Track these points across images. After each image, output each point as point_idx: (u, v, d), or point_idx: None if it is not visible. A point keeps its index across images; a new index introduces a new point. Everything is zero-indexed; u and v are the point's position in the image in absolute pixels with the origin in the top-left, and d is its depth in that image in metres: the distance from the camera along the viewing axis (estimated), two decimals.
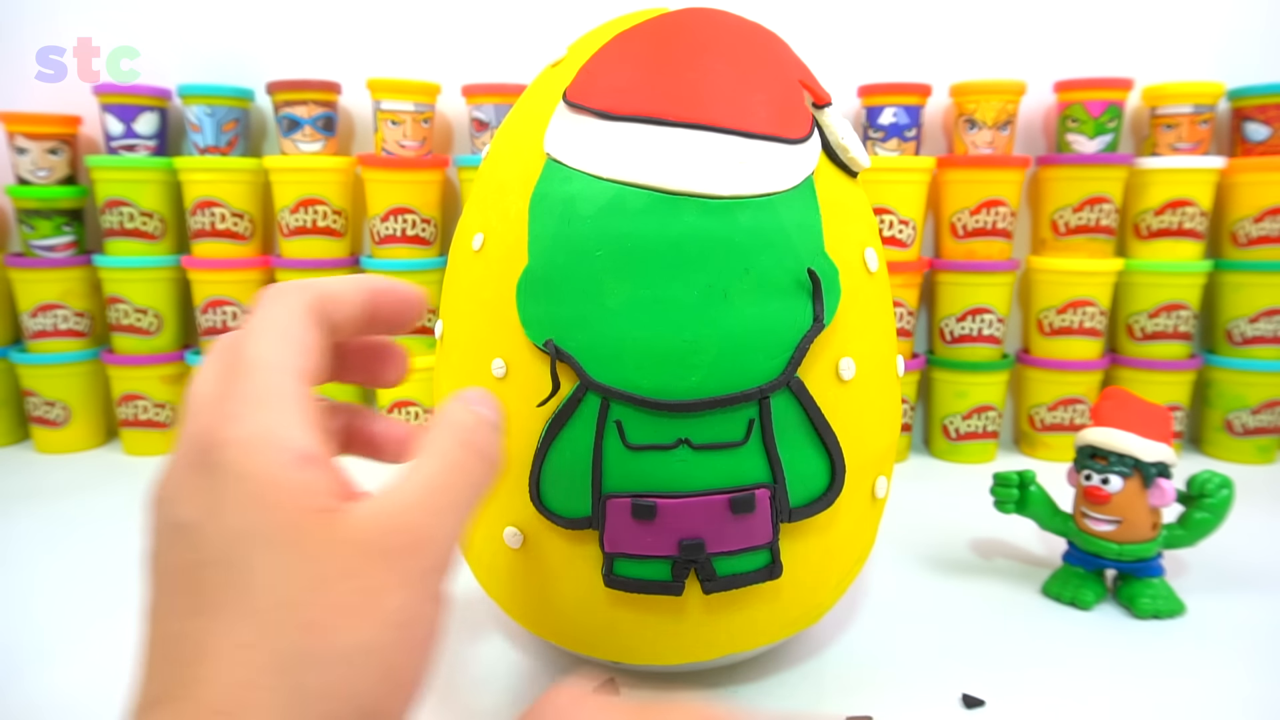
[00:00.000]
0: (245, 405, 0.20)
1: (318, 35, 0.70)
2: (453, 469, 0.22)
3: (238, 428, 0.19)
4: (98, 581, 0.45)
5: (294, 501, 0.19)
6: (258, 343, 0.21)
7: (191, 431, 0.20)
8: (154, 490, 0.20)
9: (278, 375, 0.20)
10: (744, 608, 0.31)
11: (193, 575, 0.18)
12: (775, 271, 0.29)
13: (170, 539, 0.19)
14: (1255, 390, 0.65)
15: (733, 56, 0.31)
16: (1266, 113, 0.64)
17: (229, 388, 0.20)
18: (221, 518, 0.19)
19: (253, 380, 0.20)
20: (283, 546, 0.18)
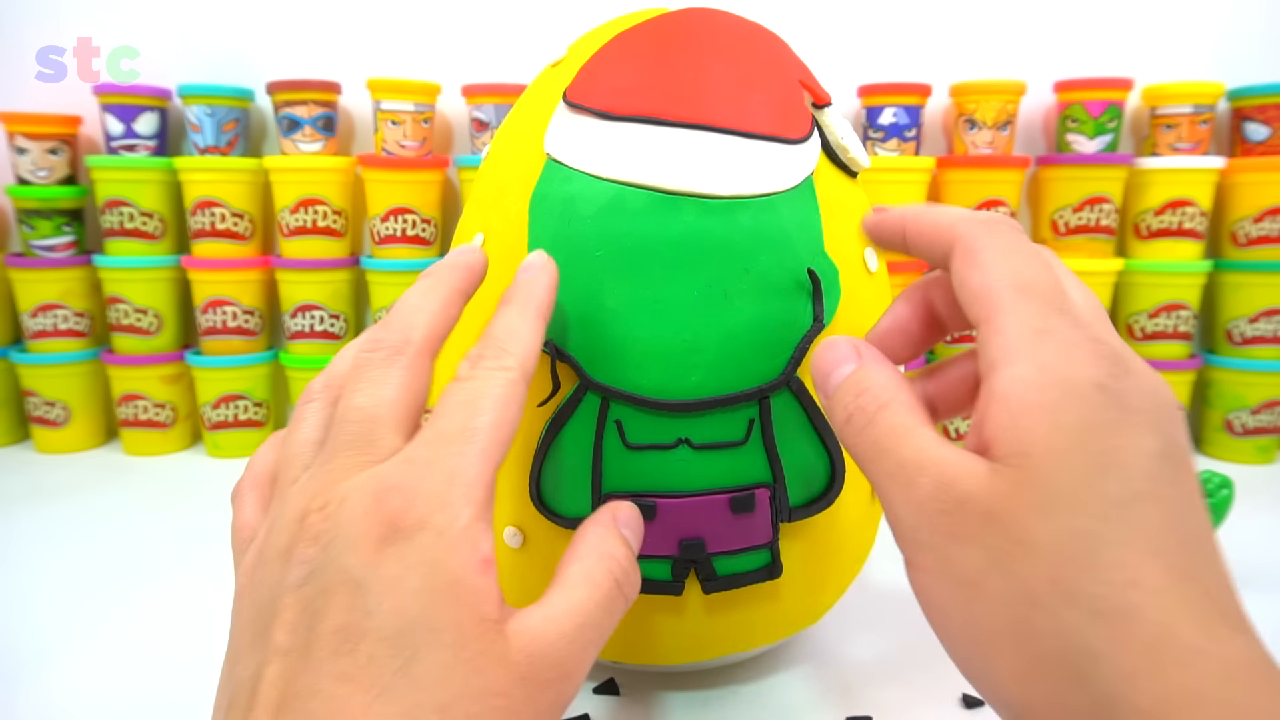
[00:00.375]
0: (448, 487, 0.20)
1: (318, 35, 0.70)
2: (604, 609, 0.22)
3: (440, 514, 0.20)
4: (98, 582, 0.45)
5: (473, 608, 0.19)
6: (453, 415, 0.22)
7: (385, 485, 0.20)
8: (315, 521, 0.20)
9: (467, 463, 0.21)
10: (744, 608, 0.31)
11: (353, 639, 0.18)
12: (775, 271, 0.29)
13: (334, 589, 0.19)
14: (1255, 390, 0.65)
15: (733, 56, 0.31)
16: (1266, 113, 0.64)
17: (429, 453, 0.21)
18: (402, 595, 0.19)
19: (444, 462, 0.21)
20: (452, 648, 0.19)
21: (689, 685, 0.35)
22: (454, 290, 0.26)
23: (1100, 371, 0.19)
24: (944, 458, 0.20)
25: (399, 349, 0.23)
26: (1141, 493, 0.18)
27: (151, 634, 0.39)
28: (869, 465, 0.22)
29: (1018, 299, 0.20)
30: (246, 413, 0.68)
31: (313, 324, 0.67)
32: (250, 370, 0.68)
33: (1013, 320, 0.20)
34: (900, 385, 0.22)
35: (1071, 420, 0.19)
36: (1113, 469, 0.18)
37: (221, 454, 0.68)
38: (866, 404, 0.22)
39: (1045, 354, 0.19)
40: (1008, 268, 0.21)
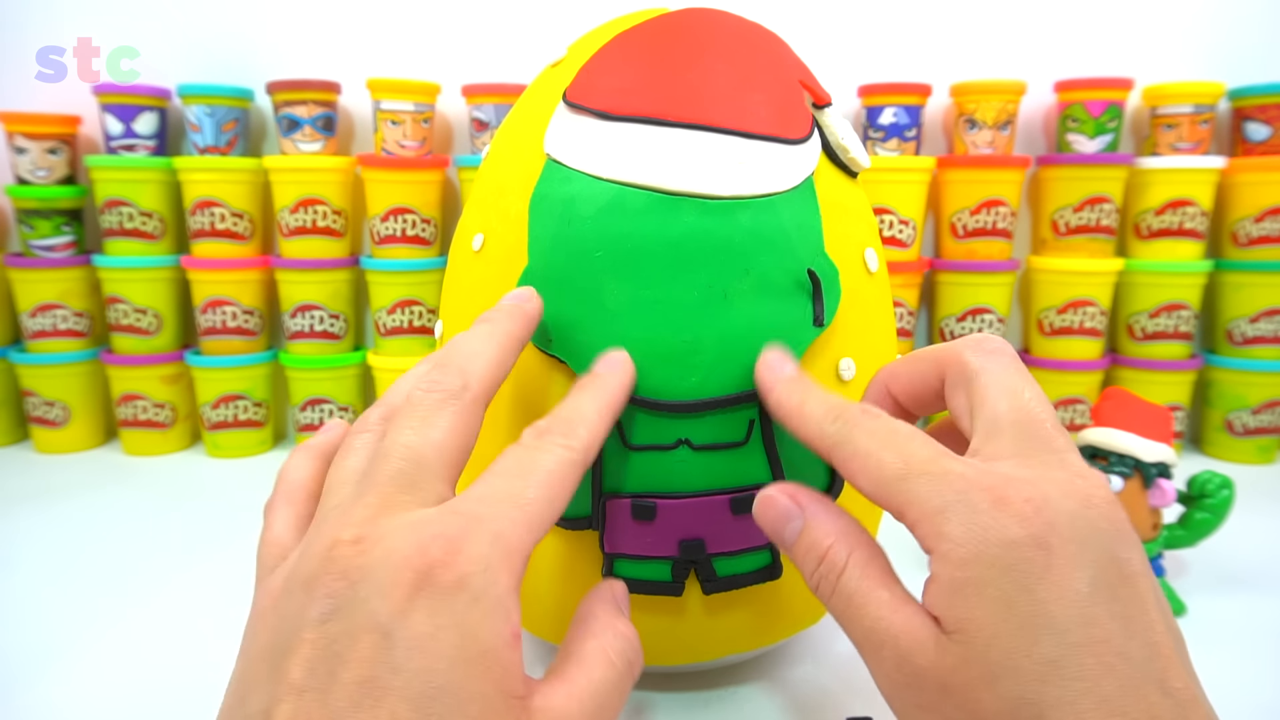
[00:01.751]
0: (492, 549, 0.20)
1: (318, 35, 0.70)
2: (618, 688, 0.22)
3: (481, 576, 0.19)
4: (97, 582, 0.45)
5: (500, 682, 0.19)
6: (508, 478, 0.22)
7: (429, 533, 0.19)
8: (348, 553, 0.19)
9: (514, 529, 0.21)
10: (744, 608, 0.31)
11: (376, 694, 0.18)
12: (775, 272, 0.29)
13: (360, 634, 0.18)
14: (1256, 390, 0.65)
15: (733, 56, 0.31)
16: (1267, 112, 0.64)
17: (479, 511, 0.20)
18: (431, 655, 0.18)
19: (493, 522, 0.20)
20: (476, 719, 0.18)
21: (689, 686, 0.35)
22: (512, 337, 0.26)
23: (1019, 523, 0.20)
24: (901, 629, 0.21)
25: (454, 394, 0.23)
26: (1076, 643, 0.19)
27: (151, 634, 0.39)
28: (842, 627, 0.23)
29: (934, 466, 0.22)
30: (246, 413, 0.68)
31: (312, 324, 0.67)
32: (250, 370, 0.68)
33: (925, 492, 0.21)
34: (852, 539, 0.24)
35: (997, 590, 0.20)
36: (1044, 629, 0.19)
37: (221, 454, 0.68)
38: (827, 572, 0.23)
39: (965, 520, 0.20)
40: None
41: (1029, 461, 0.22)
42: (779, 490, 0.25)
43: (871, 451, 0.23)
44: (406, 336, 0.67)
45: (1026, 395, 0.23)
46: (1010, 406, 0.23)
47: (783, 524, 0.25)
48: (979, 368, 0.24)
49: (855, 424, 0.24)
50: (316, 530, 0.21)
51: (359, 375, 0.70)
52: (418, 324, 0.67)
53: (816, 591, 0.24)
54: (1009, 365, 0.24)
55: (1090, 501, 0.21)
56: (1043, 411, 0.23)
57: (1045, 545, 0.20)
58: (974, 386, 0.24)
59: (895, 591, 0.22)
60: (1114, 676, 0.19)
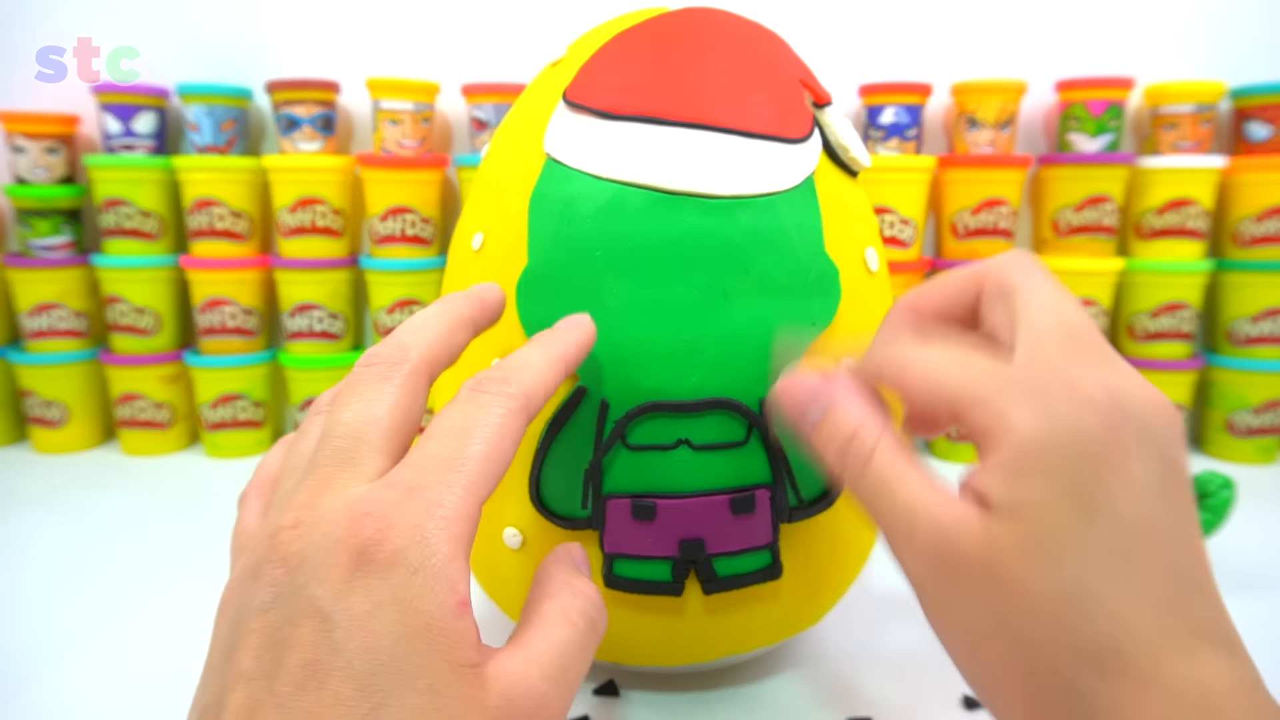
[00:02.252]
0: (427, 518, 0.19)
1: (317, 35, 0.70)
2: (581, 647, 0.22)
3: (416, 549, 0.19)
4: (96, 582, 0.45)
5: (448, 653, 0.19)
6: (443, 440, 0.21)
7: (360, 510, 0.19)
8: (286, 539, 0.19)
9: (451, 494, 0.20)
10: (744, 608, 0.31)
11: (319, 676, 0.18)
12: (775, 271, 0.29)
13: (301, 619, 0.18)
14: (1257, 390, 0.65)
15: (733, 56, 0.31)
16: (1268, 112, 0.64)
17: (412, 479, 0.20)
18: (371, 634, 0.18)
19: (427, 491, 0.20)
20: (426, 694, 0.18)
21: (689, 686, 0.34)
22: (461, 317, 0.25)
23: (1094, 410, 0.19)
24: (940, 509, 0.20)
25: (393, 364, 0.22)
26: (1135, 536, 0.19)
27: (151, 634, 0.39)
28: (870, 511, 0.22)
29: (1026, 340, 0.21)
30: (245, 413, 0.68)
31: (311, 324, 0.67)
32: (249, 370, 0.67)
33: (988, 387, 0.21)
34: (882, 420, 0.23)
35: (1062, 475, 0.19)
36: (1105, 518, 0.19)
37: (220, 454, 0.68)
38: (855, 455, 0.22)
39: (1037, 404, 0.20)
40: (1039, 301, 0.22)
41: (1086, 365, 0.21)
42: (797, 379, 0.25)
43: (926, 356, 0.22)
44: None
45: (1068, 308, 0.22)
46: (1056, 320, 0.22)
47: (806, 407, 0.24)
48: (1019, 282, 0.23)
49: (901, 336, 0.23)
50: (266, 517, 0.21)
51: None
52: None
53: (844, 473, 0.23)
54: (1050, 281, 0.23)
55: (1152, 401, 0.20)
56: (1086, 323, 0.22)
57: (1114, 437, 0.19)
58: (1014, 300, 0.23)
59: (931, 476, 0.21)
60: (1163, 573, 0.19)
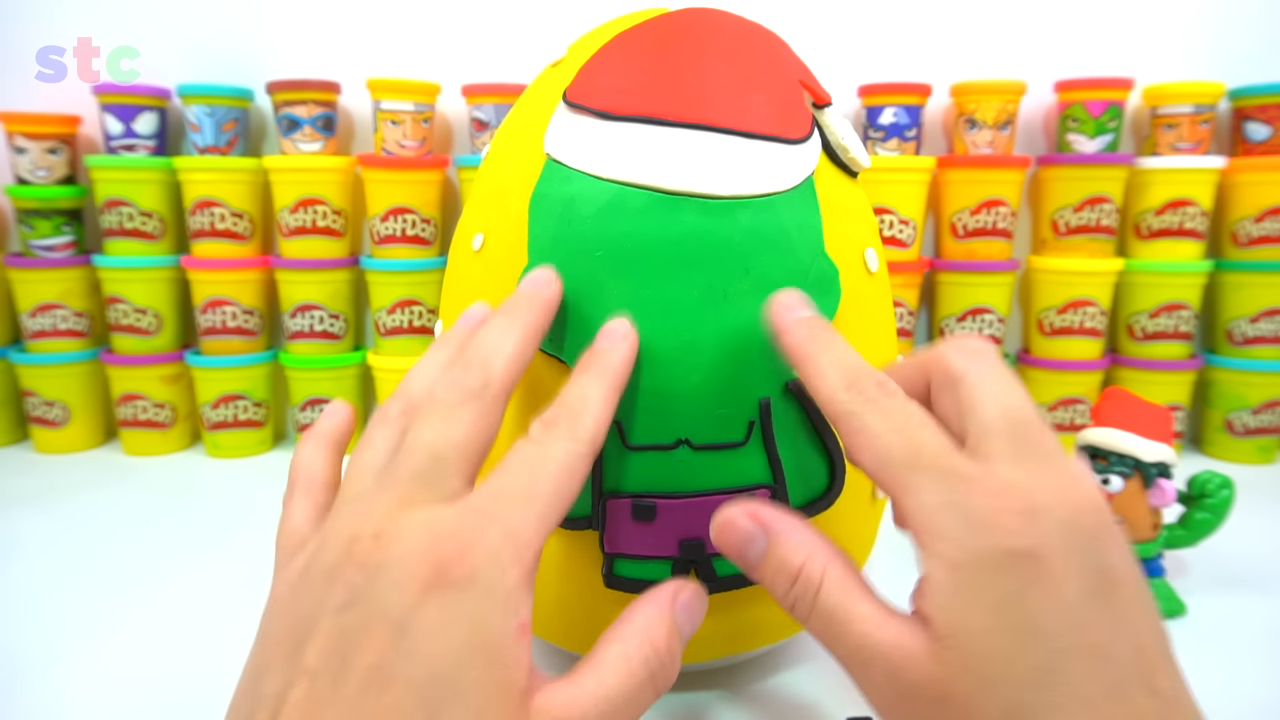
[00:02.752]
0: (503, 544, 0.20)
1: (318, 35, 0.70)
2: (631, 699, 0.22)
3: (491, 571, 0.20)
4: (97, 582, 0.45)
5: (504, 675, 0.19)
6: (519, 474, 0.22)
7: (443, 530, 0.20)
8: (368, 547, 0.20)
9: (525, 524, 0.21)
10: (744, 608, 0.31)
11: (384, 680, 0.18)
12: (775, 272, 0.29)
13: (374, 623, 0.19)
14: (1256, 390, 0.65)
15: (733, 56, 0.31)
16: (1267, 112, 0.64)
17: (491, 507, 0.21)
18: (440, 646, 0.19)
19: (503, 519, 0.21)
20: (476, 712, 0.19)
21: (689, 685, 0.35)
22: (532, 328, 0.26)
23: (1014, 531, 0.20)
24: (891, 643, 0.21)
25: (475, 393, 0.23)
26: (1064, 649, 0.19)
27: (152, 634, 0.39)
28: (823, 643, 0.23)
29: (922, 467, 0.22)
30: (246, 413, 0.68)
31: (312, 324, 0.67)
32: (250, 370, 0.68)
33: (927, 488, 0.21)
34: (825, 553, 0.23)
35: (990, 597, 0.20)
36: (1034, 636, 0.20)
37: (221, 454, 0.68)
38: (802, 592, 0.23)
39: (963, 522, 0.21)
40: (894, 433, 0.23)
41: (1023, 465, 0.22)
42: (738, 511, 0.25)
43: (882, 432, 0.23)
44: (406, 336, 0.67)
45: (1014, 398, 0.23)
46: (1000, 409, 0.23)
47: (746, 546, 0.24)
48: (964, 370, 0.24)
49: (869, 399, 0.24)
50: (336, 522, 0.22)
51: (359, 375, 0.70)
52: (418, 324, 0.67)
53: (792, 612, 0.23)
54: (994, 367, 0.24)
55: (1083, 508, 0.21)
56: (1030, 414, 0.23)
57: (1036, 555, 0.20)
58: (960, 390, 0.24)
59: (877, 605, 0.22)
60: (1100, 680, 0.19)
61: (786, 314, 0.27)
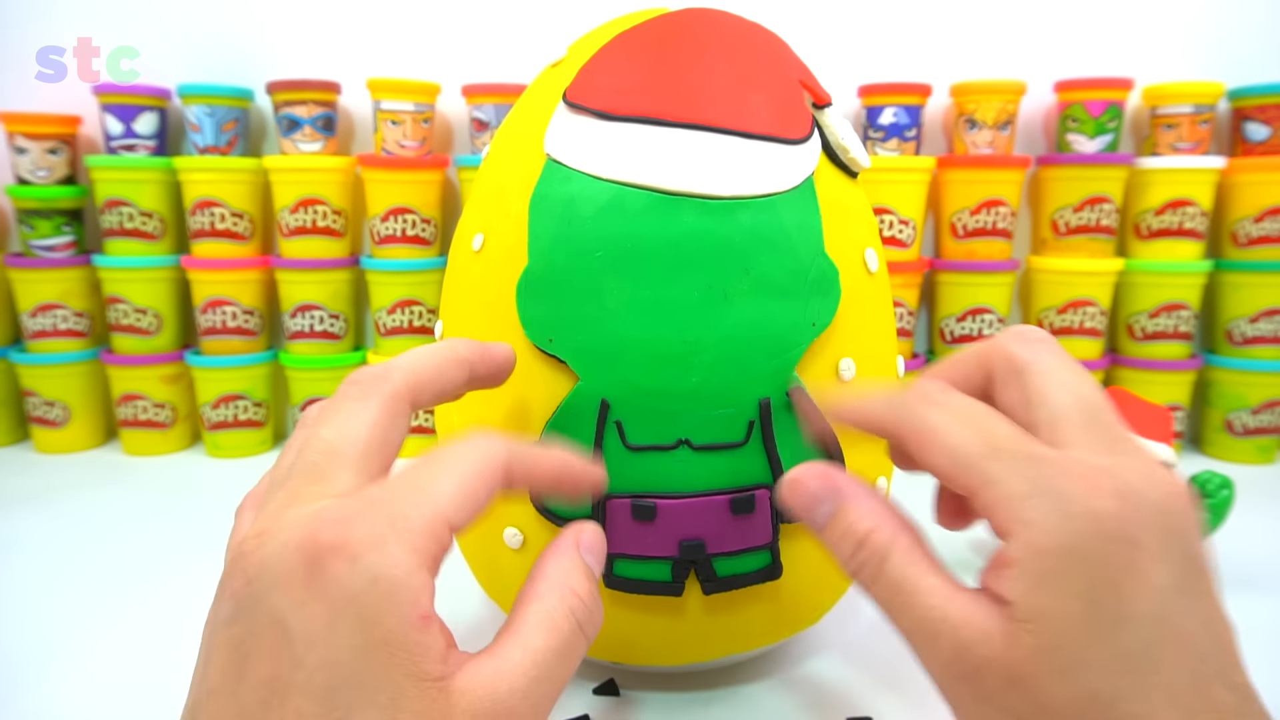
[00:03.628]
0: (390, 530, 0.19)
1: (318, 35, 0.70)
2: (562, 656, 0.21)
3: (371, 556, 0.18)
4: (97, 582, 0.45)
5: (410, 666, 0.18)
6: (418, 466, 0.21)
7: (322, 519, 0.19)
8: (249, 549, 0.19)
9: (416, 510, 0.19)
10: (744, 608, 0.31)
11: (281, 692, 0.18)
12: (775, 272, 0.29)
13: (262, 630, 0.18)
14: (1256, 390, 0.65)
15: (733, 56, 0.31)
16: (1266, 113, 0.64)
17: (379, 494, 0.20)
18: (330, 646, 0.18)
19: (391, 505, 0.19)
20: (386, 708, 0.18)
21: (689, 685, 0.35)
22: (457, 355, 0.25)
23: (1104, 515, 0.19)
24: (961, 617, 0.20)
25: (374, 384, 0.22)
26: (1155, 638, 0.19)
27: (151, 634, 0.39)
28: (887, 615, 0.22)
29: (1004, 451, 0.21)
30: (246, 413, 0.68)
31: (312, 324, 0.67)
32: (250, 370, 0.68)
33: (1010, 476, 0.20)
34: (895, 522, 0.23)
35: (1081, 582, 0.19)
36: (1124, 623, 0.19)
37: (221, 454, 0.68)
38: (869, 558, 0.22)
39: (1053, 507, 0.19)
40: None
41: (1104, 450, 0.21)
42: (809, 471, 0.24)
43: (949, 427, 0.22)
44: (406, 336, 0.67)
45: (1085, 385, 0.22)
46: (1073, 397, 0.22)
47: (813, 507, 0.24)
48: (1029, 359, 0.23)
49: (926, 398, 0.23)
50: (233, 530, 0.22)
51: None
52: (418, 324, 0.67)
53: (856, 578, 0.23)
54: (1059, 355, 0.23)
55: (1171, 494, 0.20)
56: (1103, 401, 0.22)
57: (1132, 539, 0.19)
58: (1027, 378, 0.22)
59: (947, 579, 0.21)
60: (1186, 671, 0.19)
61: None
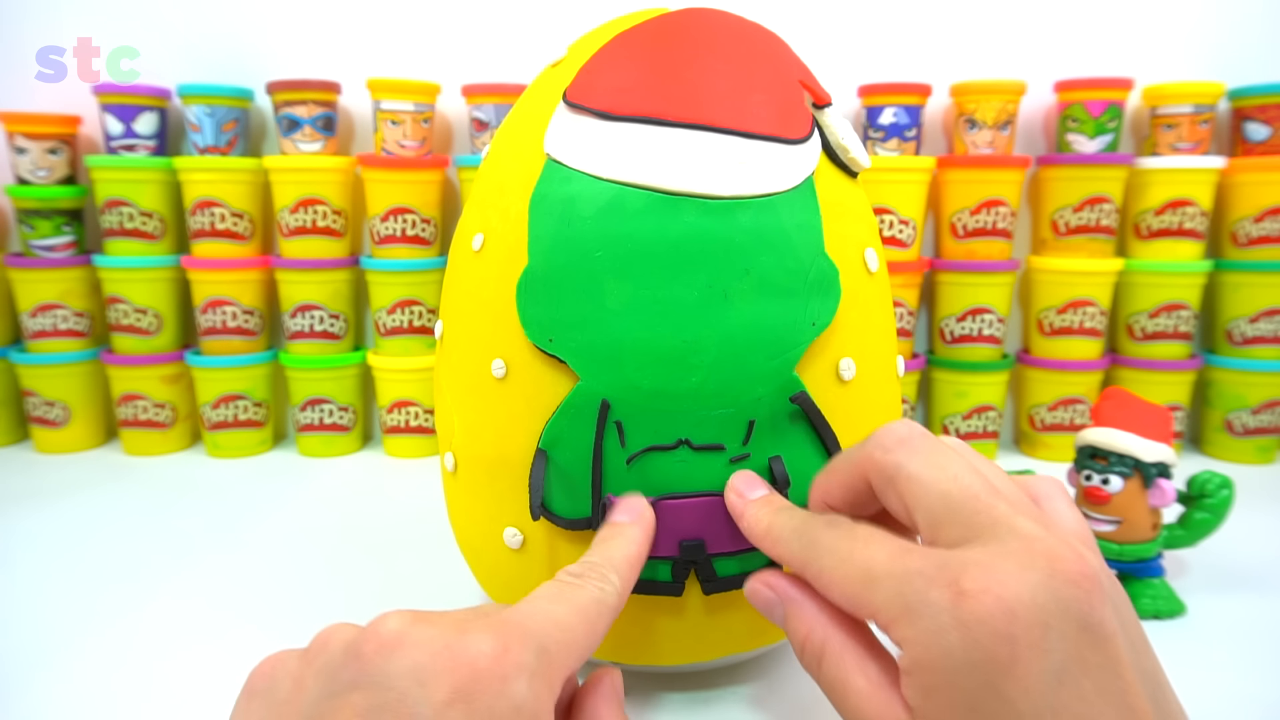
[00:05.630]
0: (530, 660, 0.20)
1: (318, 35, 0.70)
2: None
3: (519, 684, 0.19)
4: (97, 582, 0.45)
5: None
6: (538, 603, 0.23)
7: (470, 630, 0.20)
8: (394, 628, 0.20)
9: (559, 646, 0.21)
10: (744, 608, 0.31)
11: None
12: (775, 272, 0.29)
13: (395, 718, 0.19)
14: (1255, 390, 0.65)
15: (733, 56, 0.31)
16: (1266, 112, 0.64)
17: (504, 615, 0.21)
18: None
19: (537, 635, 0.21)
20: None
21: (689, 685, 0.35)
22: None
23: (975, 621, 0.20)
24: (875, 716, 0.22)
25: None
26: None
27: (151, 634, 0.39)
28: (830, 702, 0.24)
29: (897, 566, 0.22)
30: (246, 413, 0.68)
31: (312, 324, 0.67)
32: (250, 370, 0.68)
33: (888, 601, 0.22)
34: (828, 626, 0.25)
35: (961, 693, 0.20)
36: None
37: (221, 454, 0.68)
38: (809, 658, 0.25)
39: (928, 624, 0.21)
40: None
41: (980, 541, 0.21)
42: (759, 582, 0.27)
43: (835, 568, 0.24)
44: (406, 336, 0.67)
45: (950, 473, 0.23)
46: (940, 493, 0.23)
47: (770, 611, 0.27)
48: (895, 464, 0.24)
49: (818, 542, 0.25)
50: (334, 633, 0.22)
51: (359, 375, 0.70)
52: (418, 324, 0.67)
53: (806, 669, 0.25)
54: (923, 449, 0.24)
55: (1054, 568, 0.20)
56: (974, 483, 0.23)
57: (1007, 636, 0.19)
58: (899, 485, 0.24)
59: (871, 676, 0.23)
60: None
61: (739, 498, 0.28)
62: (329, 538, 0.50)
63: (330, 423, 0.68)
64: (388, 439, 0.69)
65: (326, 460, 0.68)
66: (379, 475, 0.64)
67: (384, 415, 0.68)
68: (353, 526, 0.52)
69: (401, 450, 0.68)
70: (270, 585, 0.44)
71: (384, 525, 0.52)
